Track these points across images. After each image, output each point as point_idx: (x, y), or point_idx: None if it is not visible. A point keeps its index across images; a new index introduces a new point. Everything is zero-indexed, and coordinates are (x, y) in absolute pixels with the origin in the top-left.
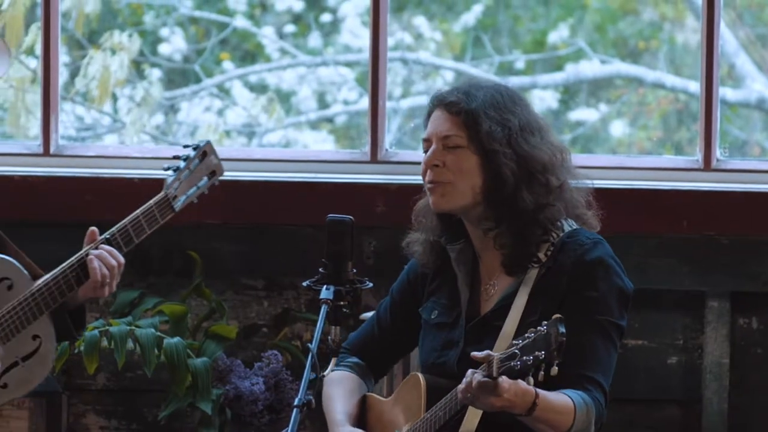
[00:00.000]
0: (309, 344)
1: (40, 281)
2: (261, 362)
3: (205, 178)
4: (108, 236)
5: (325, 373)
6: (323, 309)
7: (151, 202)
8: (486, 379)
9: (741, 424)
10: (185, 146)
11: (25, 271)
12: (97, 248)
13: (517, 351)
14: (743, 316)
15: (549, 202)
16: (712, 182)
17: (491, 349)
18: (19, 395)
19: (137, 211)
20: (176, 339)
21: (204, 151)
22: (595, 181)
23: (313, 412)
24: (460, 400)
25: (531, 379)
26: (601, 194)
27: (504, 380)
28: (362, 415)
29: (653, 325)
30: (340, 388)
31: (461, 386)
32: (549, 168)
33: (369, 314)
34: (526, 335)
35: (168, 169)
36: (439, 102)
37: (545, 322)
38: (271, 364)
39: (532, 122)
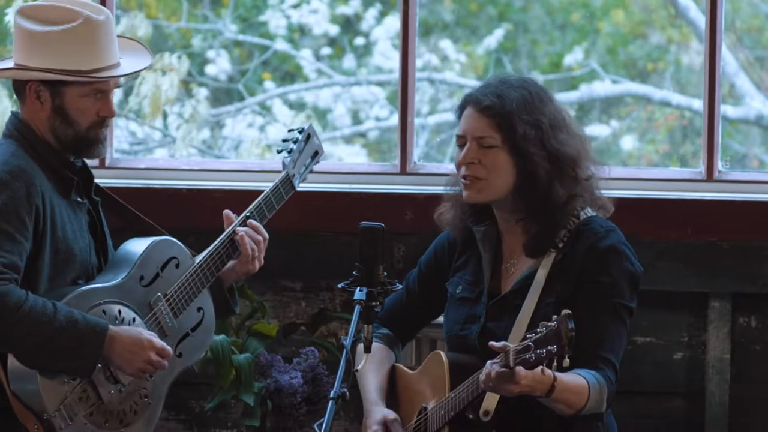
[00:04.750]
0: (343, 339)
1: (199, 258)
2: (299, 358)
3: (310, 159)
4: (248, 214)
5: (358, 368)
6: (357, 309)
7: (277, 181)
8: (503, 369)
9: (741, 415)
10: (290, 130)
11: (186, 249)
12: (243, 226)
13: (531, 344)
14: (743, 316)
15: (578, 192)
16: (715, 192)
17: (509, 327)
18: (190, 363)
19: (266, 191)
20: (221, 337)
21: (308, 134)
22: (607, 192)
23: (347, 404)
24: (482, 388)
25: (546, 369)
26: (612, 203)
27: (520, 369)
28: (391, 385)
29: (660, 323)
30: (372, 361)
31: (482, 377)
32: (577, 161)
33: None
34: (539, 329)
35: (281, 151)
36: (474, 103)
37: (555, 317)
38: (308, 360)
39: (559, 118)
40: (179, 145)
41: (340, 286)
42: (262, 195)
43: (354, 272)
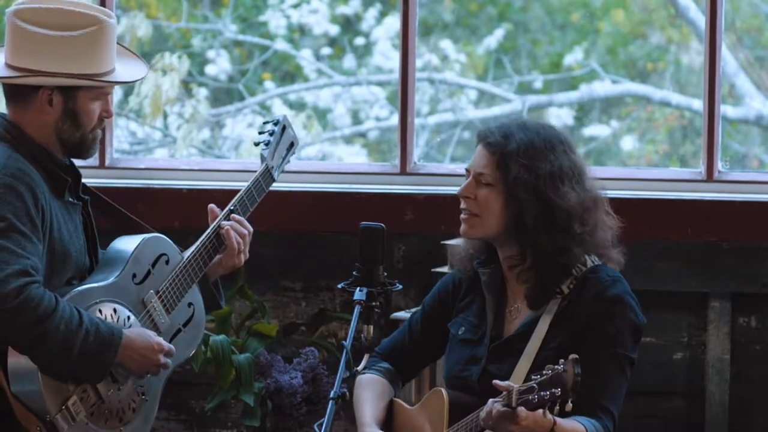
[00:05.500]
0: (343, 342)
1: (187, 253)
2: (299, 358)
3: (286, 150)
4: (231, 208)
5: (358, 368)
6: (356, 309)
7: (257, 174)
8: (505, 409)
9: (741, 414)
10: (265, 122)
11: (174, 245)
12: (227, 220)
13: (535, 385)
14: (743, 316)
15: (569, 247)
16: (714, 192)
17: (511, 370)
18: (183, 359)
19: (248, 183)
20: (221, 337)
21: (283, 126)
22: (607, 192)
23: (347, 404)
24: (482, 426)
25: (548, 413)
26: (612, 204)
27: (522, 410)
28: (388, 418)
29: (660, 323)
30: (369, 392)
31: (483, 414)
32: (574, 216)
33: (399, 314)
34: (544, 372)
35: (258, 144)
36: (482, 138)
37: (562, 361)
38: (308, 360)
39: (566, 169)
40: (179, 145)
41: (340, 286)
42: (244, 188)
43: (354, 272)
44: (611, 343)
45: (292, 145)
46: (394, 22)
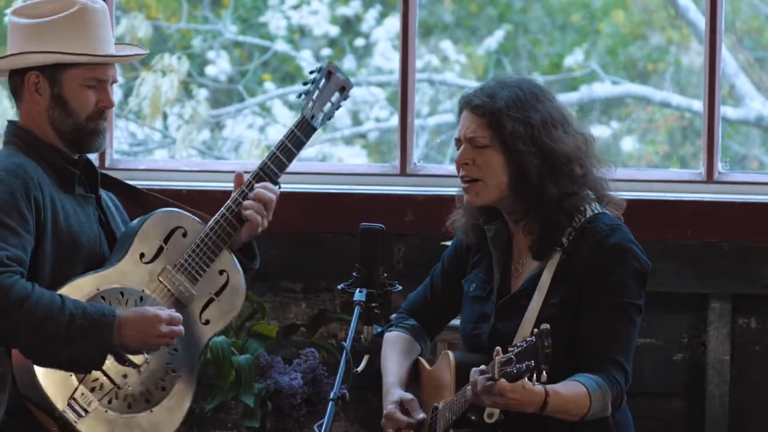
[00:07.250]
0: (343, 342)
1: (210, 222)
2: (299, 359)
3: (337, 93)
4: (262, 165)
5: (358, 369)
6: (356, 310)
7: (292, 126)
8: (488, 382)
9: (741, 415)
10: (311, 72)
11: (193, 216)
12: (252, 188)
13: (513, 357)
14: (743, 317)
15: (573, 190)
16: (715, 193)
17: (517, 327)
18: (223, 326)
19: (281, 138)
20: (221, 338)
21: (329, 71)
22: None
23: (348, 405)
24: (472, 400)
25: (534, 383)
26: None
27: (503, 381)
28: (413, 376)
29: (660, 324)
30: (395, 350)
31: (469, 387)
32: (573, 158)
33: None
34: (521, 343)
35: (300, 95)
36: (466, 104)
37: (535, 331)
38: (308, 361)
39: (555, 115)
40: (179, 146)
41: (340, 287)
42: (277, 143)
43: (354, 273)
44: (614, 292)
45: (343, 88)
46: (394, 23)
